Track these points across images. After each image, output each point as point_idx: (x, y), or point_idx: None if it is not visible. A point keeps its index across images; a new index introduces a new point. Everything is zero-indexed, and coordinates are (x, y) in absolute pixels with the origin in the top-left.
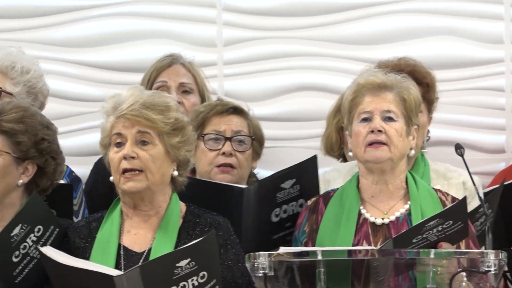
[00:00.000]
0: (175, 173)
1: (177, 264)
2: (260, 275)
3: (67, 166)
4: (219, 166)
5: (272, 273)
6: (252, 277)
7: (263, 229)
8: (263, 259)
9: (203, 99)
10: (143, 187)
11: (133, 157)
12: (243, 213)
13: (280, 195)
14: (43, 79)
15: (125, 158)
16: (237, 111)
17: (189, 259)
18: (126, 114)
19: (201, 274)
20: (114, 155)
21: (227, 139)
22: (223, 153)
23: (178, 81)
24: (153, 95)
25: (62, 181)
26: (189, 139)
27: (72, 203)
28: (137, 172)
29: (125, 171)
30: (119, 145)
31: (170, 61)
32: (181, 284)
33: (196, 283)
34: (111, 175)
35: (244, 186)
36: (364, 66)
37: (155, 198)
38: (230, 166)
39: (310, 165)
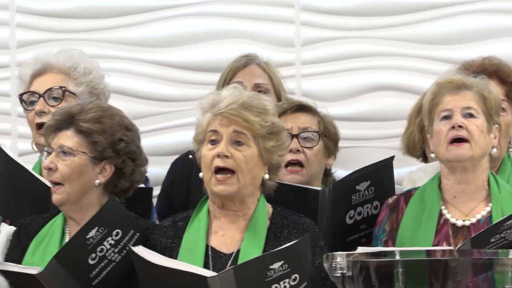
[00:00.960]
0: (266, 176)
1: (271, 267)
2: (338, 275)
3: None
4: (287, 165)
5: (350, 273)
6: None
7: (338, 231)
8: (341, 259)
9: (279, 99)
10: (234, 190)
11: (227, 156)
12: (318, 214)
13: (355, 197)
14: (104, 80)
15: (218, 156)
16: (303, 108)
17: (282, 262)
18: (225, 112)
19: (293, 276)
20: (207, 152)
21: (294, 136)
22: (290, 150)
23: (253, 81)
24: (252, 96)
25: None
26: (283, 144)
27: (151, 207)
28: (229, 175)
29: (217, 169)
30: (214, 142)
31: (246, 62)
32: (273, 286)
33: (288, 286)
34: (188, 175)
35: (318, 188)
36: (449, 67)
37: (245, 199)
38: (299, 164)
39: (386, 166)
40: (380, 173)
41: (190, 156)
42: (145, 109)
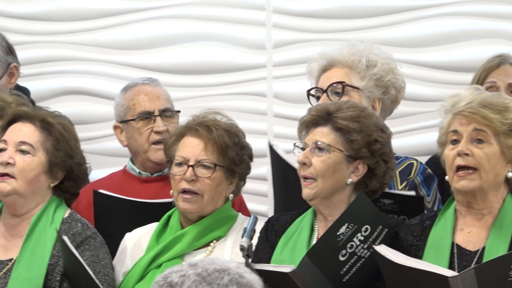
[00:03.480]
0: (510, 174)
1: None
2: None
3: (421, 164)
4: None
5: None
6: None
7: None
8: None
9: None
10: (476, 186)
11: (467, 154)
12: None
13: None
14: (395, 72)
15: (459, 154)
16: None
17: None
18: (463, 111)
19: None
20: (449, 152)
21: None
22: None
23: (507, 81)
24: (492, 95)
25: (411, 192)
26: None
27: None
28: (470, 171)
29: (459, 167)
30: (455, 142)
31: (499, 62)
32: None
33: None
34: (441, 175)
35: None
36: None
37: (488, 197)
38: None
39: None
40: None
41: None
42: (400, 109)
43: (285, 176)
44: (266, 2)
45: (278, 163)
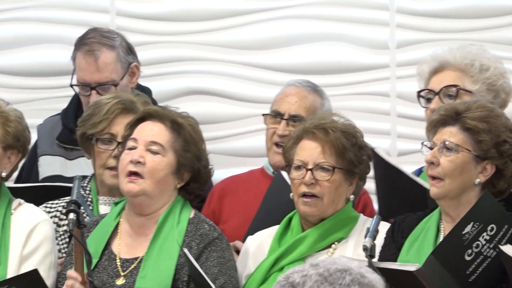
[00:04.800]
0: None
1: None
2: None
3: None
4: None
5: None
6: None
7: None
8: None
9: None
10: None
11: None
12: None
13: None
14: (506, 76)
15: None
16: None
17: None
18: None
19: None
20: None
21: None
22: None
23: None
24: None
25: None
26: None
27: None
28: None
29: None
30: None
31: None
32: None
33: None
34: None
35: None
36: None
37: None
38: None
39: None
40: None
41: None
42: None
43: (389, 179)
44: (389, 2)
45: (382, 166)
